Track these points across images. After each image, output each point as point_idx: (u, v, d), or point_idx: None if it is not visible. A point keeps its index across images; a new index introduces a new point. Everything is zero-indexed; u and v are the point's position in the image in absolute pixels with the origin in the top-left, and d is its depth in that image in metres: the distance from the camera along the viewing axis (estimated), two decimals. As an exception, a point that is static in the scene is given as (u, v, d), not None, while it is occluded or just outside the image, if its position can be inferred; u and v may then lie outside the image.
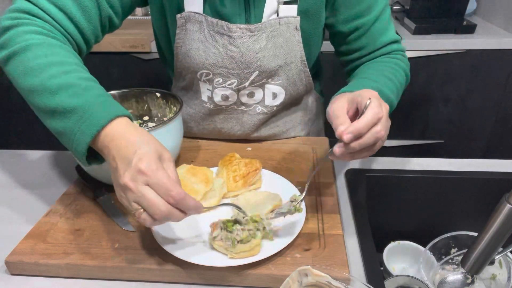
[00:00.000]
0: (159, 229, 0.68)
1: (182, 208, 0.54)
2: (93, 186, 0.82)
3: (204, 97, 0.93)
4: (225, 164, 0.79)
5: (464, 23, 1.88)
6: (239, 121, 0.95)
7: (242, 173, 0.75)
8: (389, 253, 0.88)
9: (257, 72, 0.86)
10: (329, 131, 1.36)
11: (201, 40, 0.83)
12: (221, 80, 0.87)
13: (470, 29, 1.84)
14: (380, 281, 0.62)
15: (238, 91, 0.89)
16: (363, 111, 0.59)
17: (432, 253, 0.80)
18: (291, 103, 0.97)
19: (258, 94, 0.90)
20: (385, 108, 0.61)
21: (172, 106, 0.91)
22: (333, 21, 0.87)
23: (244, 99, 0.91)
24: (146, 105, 0.94)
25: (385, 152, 2.08)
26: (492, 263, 0.63)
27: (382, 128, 0.59)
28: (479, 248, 0.61)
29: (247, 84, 0.87)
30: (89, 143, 0.57)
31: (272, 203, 0.70)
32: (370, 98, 0.59)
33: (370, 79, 0.78)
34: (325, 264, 0.62)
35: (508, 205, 0.56)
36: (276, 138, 1.01)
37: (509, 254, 0.73)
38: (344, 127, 0.58)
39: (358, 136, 0.58)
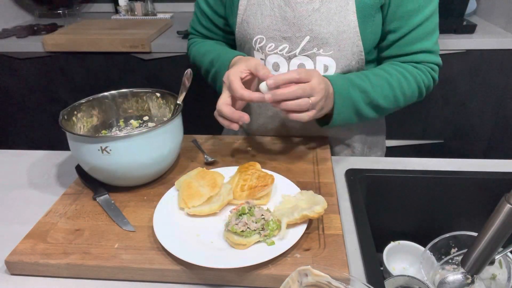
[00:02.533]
0: (159, 229, 0.68)
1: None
2: (93, 186, 0.82)
3: None
4: (241, 171, 0.79)
5: (464, 23, 1.87)
6: None
7: (251, 184, 0.75)
8: (389, 253, 0.88)
9: (308, 37, 0.87)
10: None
11: (259, 4, 0.89)
12: (273, 45, 0.90)
13: (470, 29, 1.84)
14: (380, 281, 0.62)
15: (289, 59, 0.90)
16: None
17: (432, 253, 0.80)
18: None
19: (309, 66, 0.90)
20: (320, 84, 0.74)
21: (172, 106, 0.91)
22: (384, 14, 0.87)
23: None
24: (146, 105, 0.94)
25: (385, 152, 2.09)
26: (492, 263, 0.63)
27: (299, 88, 0.72)
28: (479, 248, 0.61)
29: (298, 51, 0.88)
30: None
31: (302, 213, 0.67)
32: (315, 76, 0.73)
33: (368, 78, 0.85)
34: (325, 264, 0.62)
35: (508, 205, 0.56)
36: (308, 127, 0.98)
37: (509, 254, 0.73)
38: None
39: (277, 84, 0.72)
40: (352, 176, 0.87)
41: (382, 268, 0.86)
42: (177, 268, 0.63)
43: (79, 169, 0.87)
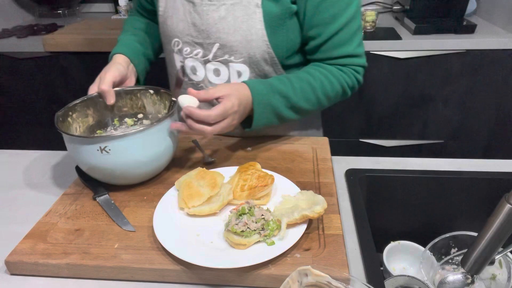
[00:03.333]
0: (159, 229, 0.68)
1: None
2: (93, 186, 0.82)
3: None
4: (241, 171, 0.79)
5: (464, 23, 1.88)
6: (211, 103, 0.94)
7: (251, 184, 0.75)
8: (389, 253, 0.88)
9: (218, 44, 0.89)
10: (327, 133, 1.35)
11: (174, 8, 0.92)
12: (188, 49, 0.93)
13: (470, 29, 1.84)
14: (380, 281, 0.62)
15: (204, 63, 0.93)
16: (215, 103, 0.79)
17: (432, 253, 0.80)
18: None
19: (224, 72, 0.93)
20: (233, 107, 0.78)
21: (166, 102, 0.91)
22: (301, 22, 0.89)
23: (211, 76, 0.94)
24: (140, 102, 0.94)
25: (385, 152, 2.09)
26: (492, 263, 0.63)
27: (210, 131, 0.77)
28: (479, 248, 0.61)
29: (210, 56, 0.91)
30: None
31: (302, 213, 0.67)
32: (222, 107, 0.77)
33: (291, 82, 0.88)
34: (325, 264, 0.62)
35: (508, 205, 0.56)
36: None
37: (509, 254, 0.73)
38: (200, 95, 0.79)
39: (190, 116, 0.76)
40: (352, 176, 0.87)
41: (382, 268, 0.86)
42: (177, 268, 0.63)
43: (79, 169, 0.87)
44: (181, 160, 0.92)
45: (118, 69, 0.91)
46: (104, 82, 0.87)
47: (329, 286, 0.53)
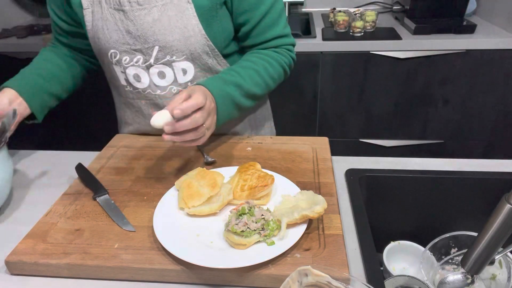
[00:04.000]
0: (159, 229, 0.68)
1: None
2: (93, 186, 0.82)
3: (123, 81, 0.96)
4: (241, 171, 0.79)
5: (464, 23, 1.88)
6: (160, 107, 0.97)
7: (251, 184, 0.75)
8: (389, 253, 0.88)
9: (157, 47, 0.88)
10: (323, 132, 1.35)
11: (103, 19, 0.89)
12: (128, 58, 0.91)
13: (470, 29, 1.84)
14: (380, 281, 0.62)
15: (147, 68, 0.92)
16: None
17: (432, 253, 0.80)
18: (205, 77, 0.96)
19: (169, 73, 0.92)
20: (210, 102, 0.77)
21: None
22: (230, 11, 0.91)
23: (156, 80, 0.93)
24: None
25: (385, 152, 2.09)
26: (492, 263, 0.63)
27: (201, 116, 0.73)
28: (479, 248, 0.61)
29: (152, 60, 0.90)
30: None
31: (302, 213, 0.67)
32: (199, 91, 0.74)
33: (237, 72, 0.89)
34: (325, 264, 0.62)
35: (508, 205, 0.56)
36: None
37: (509, 254, 0.73)
38: (172, 106, 0.72)
39: (184, 114, 0.71)
40: (352, 176, 0.87)
41: (382, 268, 0.86)
42: (177, 268, 0.63)
43: (79, 169, 0.87)
44: (181, 160, 0.92)
45: None
46: None
47: (329, 286, 0.53)
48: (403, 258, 0.91)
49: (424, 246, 0.81)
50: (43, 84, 0.96)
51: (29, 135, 2.27)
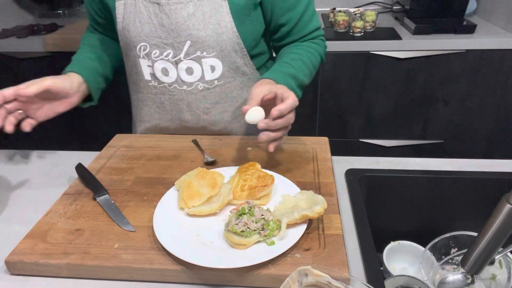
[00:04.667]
0: (159, 229, 0.68)
1: None
2: (93, 186, 0.82)
3: (147, 76, 0.97)
4: (241, 171, 0.79)
5: (464, 23, 1.88)
6: (184, 101, 0.98)
7: (251, 184, 0.75)
8: (389, 253, 0.88)
9: (189, 42, 0.89)
10: (323, 132, 1.35)
11: (136, 12, 0.90)
12: (158, 52, 0.92)
13: (470, 29, 1.84)
14: (380, 281, 0.62)
15: (176, 63, 0.93)
16: (284, 99, 0.76)
17: (432, 253, 0.80)
18: (231, 76, 0.97)
19: (197, 69, 0.93)
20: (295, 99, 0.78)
21: None
22: (269, 12, 0.94)
23: (184, 75, 0.94)
24: None
25: (385, 152, 2.09)
26: (492, 263, 0.63)
27: (293, 116, 0.78)
28: (479, 248, 0.61)
29: (182, 55, 0.91)
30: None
31: (302, 213, 0.67)
32: (288, 91, 0.77)
33: (290, 64, 0.91)
34: (325, 264, 0.62)
35: (508, 205, 0.56)
36: (228, 121, 1.02)
37: (509, 254, 0.73)
38: (256, 100, 0.75)
39: (282, 115, 0.74)
40: (352, 176, 0.87)
41: (382, 268, 0.86)
42: (177, 268, 0.63)
43: (79, 169, 0.87)
44: (181, 160, 0.92)
45: (60, 82, 0.87)
46: (30, 87, 0.83)
47: (329, 286, 0.53)
48: (403, 258, 0.91)
49: (424, 246, 0.81)
50: (97, 67, 0.99)
51: (29, 135, 2.27)
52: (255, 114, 0.74)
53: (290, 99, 0.75)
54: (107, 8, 0.95)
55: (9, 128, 0.82)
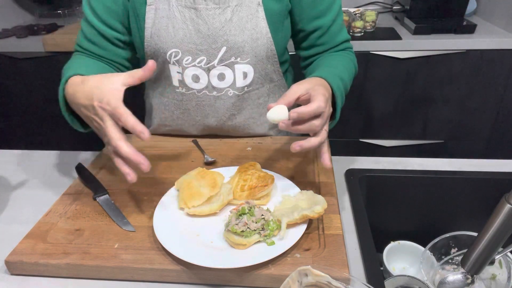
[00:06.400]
0: (159, 229, 0.68)
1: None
2: (93, 186, 0.82)
3: (175, 82, 0.94)
4: (241, 171, 0.79)
5: (464, 23, 1.88)
6: (212, 107, 0.96)
7: (251, 184, 0.75)
8: (389, 253, 0.88)
9: (225, 48, 0.88)
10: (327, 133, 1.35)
11: (169, 17, 0.86)
12: (190, 58, 0.89)
13: (470, 29, 1.84)
14: (380, 281, 0.62)
15: (208, 70, 0.90)
16: (311, 102, 0.68)
17: (432, 253, 0.80)
18: (261, 83, 0.96)
19: (229, 75, 0.92)
20: (329, 108, 0.72)
21: None
22: (298, 19, 0.93)
23: (215, 81, 0.92)
24: None
25: (385, 152, 2.09)
26: (492, 263, 0.63)
27: (320, 124, 0.69)
28: (479, 248, 0.61)
29: (216, 62, 0.89)
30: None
31: (302, 213, 0.67)
32: (321, 95, 0.69)
33: (335, 67, 0.88)
34: (325, 264, 0.62)
35: (508, 205, 0.56)
36: (251, 127, 1.01)
37: (509, 254, 0.73)
38: (288, 100, 0.69)
39: (301, 118, 0.67)
40: (352, 176, 0.87)
41: (382, 268, 0.86)
42: (177, 268, 0.63)
43: (79, 169, 0.87)
44: (181, 160, 0.92)
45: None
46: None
47: (329, 286, 0.53)
48: (403, 258, 0.91)
49: (424, 246, 0.81)
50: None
51: (29, 135, 2.27)
52: (277, 113, 0.67)
53: (314, 103, 0.67)
54: (135, 14, 0.88)
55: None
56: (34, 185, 0.89)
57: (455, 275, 0.76)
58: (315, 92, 0.69)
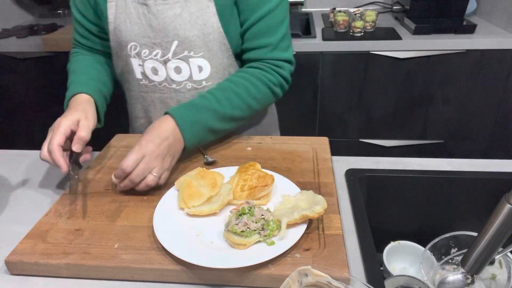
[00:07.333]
0: (159, 229, 0.68)
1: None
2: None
3: (138, 74, 0.98)
4: (241, 171, 0.79)
5: (464, 23, 1.88)
6: (173, 100, 0.99)
7: (251, 184, 0.75)
8: (389, 253, 0.88)
9: (177, 42, 0.90)
10: (323, 132, 1.35)
11: (127, 13, 0.91)
12: (147, 51, 0.93)
13: (470, 29, 1.84)
14: (380, 281, 0.62)
15: (164, 63, 0.94)
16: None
17: (432, 253, 0.80)
18: (219, 78, 0.97)
19: (185, 69, 0.94)
20: (149, 148, 0.78)
21: None
22: (239, 10, 0.92)
23: (173, 74, 0.95)
24: None
25: (385, 152, 2.09)
26: (492, 263, 0.63)
27: (144, 169, 0.76)
28: (479, 248, 0.61)
29: (170, 55, 0.92)
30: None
31: (302, 213, 0.67)
32: (133, 153, 0.76)
33: (213, 95, 0.89)
34: (325, 264, 0.62)
35: (508, 205, 0.56)
36: None
37: (509, 254, 0.73)
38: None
39: (126, 174, 0.76)
40: (352, 176, 0.87)
41: (382, 268, 0.86)
42: (177, 268, 0.63)
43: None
44: (181, 160, 0.92)
45: (72, 119, 0.82)
46: (53, 143, 0.78)
47: (329, 286, 0.53)
48: (403, 258, 0.91)
49: (424, 246, 0.81)
50: (102, 88, 0.97)
51: (29, 135, 2.27)
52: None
53: (126, 160, 0.75)
54: (99, 10, 0.95)
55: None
56: (34, 185, 0.89)
57: (455, 275, 0.76)
58: (131, 150, 0.77)
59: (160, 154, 0.79)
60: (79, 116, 0.83)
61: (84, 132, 0.81)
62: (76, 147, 0.79)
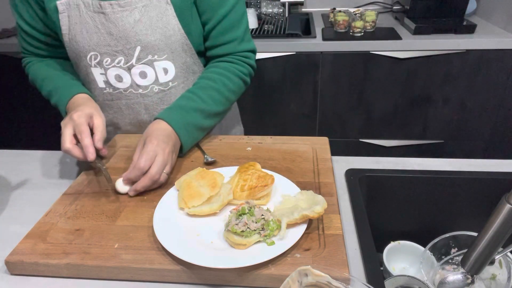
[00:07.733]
0: (159, 229, 0.68)
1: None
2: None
3: (101, 83, 0.97)
4: (241, 171, 0.79)
5: (464, 23, 1.88)
6: (141, 105, 0.99)
7: (251, 184, 0.75)
8: (389, 253, 0.88)
9: (139, 47, 0.90)
10: (323, 132, 1.35)
11: (82, 23, 0.89)
12: (109, 59, 0.92)
13: (470, 29, 1.84)
14: (380, 281, 0.62)
15: (128, 69, 0.93)
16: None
17: (432, 253, 0.80)
18: (184, 77, 0.99)
19: (150, 73, 0.94)
20: (160, 146, 0.80)
21: None
22: (200, 10, 0.94)
23: (138, 80, 0.95)
24: None
25: (385, 152, 2.09)
26: (492, 263, 0.63)
27: (156, 173, 0.78)
28: (479, 248, 0.61)
29: (134, 61, 0.92)
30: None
31: (302, 212, 0.67)
32: (145, 153, 0.79)
33: (196, 95, 0.93)
34: (325, 264, 0.62)
35: (508, 205, 0.56)
36: None
37: (509, 254, 0.73)
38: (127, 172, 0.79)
39: (142, 173, 0.78)
40: (352, 176, 0.87)
41: (382, 268, 0.86)
42: (177, 268, 0.63)
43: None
44: (181, 160, 0.92)
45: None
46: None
47: (329, 286, 0.53)
48: (403, 258, 0.91)
49: (424, 246, 0.81)
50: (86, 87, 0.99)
51: (29, 135, 2.27)
52: (120, 185, 0.80)
53: (136, 162, 0.78)
54: (50, 21, 0.92)
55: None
56: (34, 185, 0.89)
57: (455, 275, 0.76)
58: (145, 141, 0.81)
59: (170, 151, 0.82)
60: (92, 112, 0.84)
61: (102, 127, 0.84)
62: (99, 144, 0.82)
